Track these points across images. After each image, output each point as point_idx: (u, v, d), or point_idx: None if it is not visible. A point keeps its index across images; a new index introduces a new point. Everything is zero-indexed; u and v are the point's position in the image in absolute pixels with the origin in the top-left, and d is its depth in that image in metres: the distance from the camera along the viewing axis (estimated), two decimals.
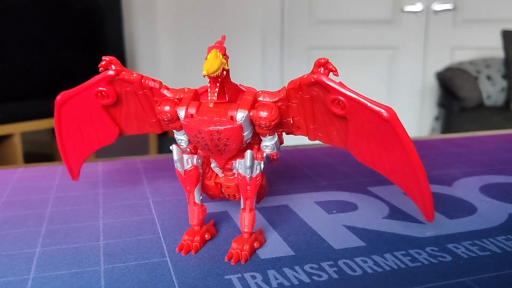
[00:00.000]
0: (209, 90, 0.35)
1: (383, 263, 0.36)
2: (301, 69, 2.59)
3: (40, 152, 2.33)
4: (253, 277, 0.34)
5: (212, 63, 0.33)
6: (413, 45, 2.47)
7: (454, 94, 2.18)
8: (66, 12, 2.10)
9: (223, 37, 0.38)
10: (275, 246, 0.39)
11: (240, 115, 0.35)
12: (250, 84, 0.38)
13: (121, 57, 2.29)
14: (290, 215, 0.45)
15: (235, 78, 0.37)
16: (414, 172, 0.34)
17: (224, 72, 0.34)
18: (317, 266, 0.36)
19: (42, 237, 0.41)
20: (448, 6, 2.37)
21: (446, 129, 2.30)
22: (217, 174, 0.41)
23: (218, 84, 0.34)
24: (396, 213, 0.45)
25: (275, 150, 0.38)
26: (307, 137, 0.39)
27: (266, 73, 2.62)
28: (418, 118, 2.54)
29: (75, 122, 0.41)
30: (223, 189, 0.41)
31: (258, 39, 2.62)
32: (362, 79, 2.55)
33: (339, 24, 2.54)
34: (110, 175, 0.57)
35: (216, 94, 0.34)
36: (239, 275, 0.34)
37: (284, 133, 0.41)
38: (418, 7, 2.41)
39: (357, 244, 0.39)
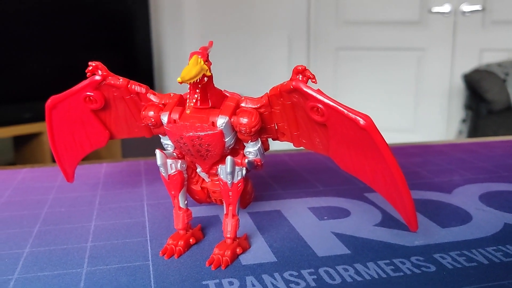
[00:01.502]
0: (188, 95, 0.35)
1: (364, 272, 0.35)
2: (328, 70, 2.58)
3: None
4: (231, 283, 0.34)
5: (190, 69, 0.33)
6: (441, 47, 2.43)
7: (482, 96, 2.13)
8: (96, 14, 2.14)
9: (210, 43, 0.38)
10: (259, 252, 0.39)
11: (221, 121, 0.35)
12: None
13: (149, 59, 2.31)
14: (281, 220, 0.45)
15: (260, 80, 0.36)
16: (394, 181, 0.34)
17: (205, 78, 0.34)
18: (297, 274, 0.35)
19: (33, 238, 0.42)
20: (477, 7, 2.32)
21: (473, 132, 2.25)
22: (203, 179, 0.41)
23: (198, 90, 0.35)
24: (388, 221, 0.45)
25: (258, 156, 0.38)
26: (292, 143, 0.39)
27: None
28: (445, 121, 2.49)
29: (66, 125, 0.42)
30: (210, 194, 0.41)
31: (284, 40, 2.61)
32: (389, 81, 2.52)
33: (366, 25, 2.51)
34: (111, 176, 0.58)
35: (194, 100, 0.35)
36: (217, 280, 0.34)
37: (271, 139, 0.41)
38: (446, 8, 2.37)
39: (341, 252, 0.39)
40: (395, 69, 2.52)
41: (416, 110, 2.52)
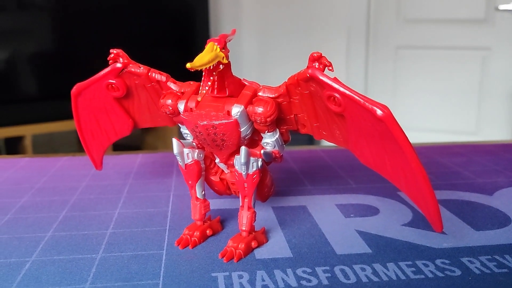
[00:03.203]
0: (201, 83, 0.34)
1: (382, 273, 0.34)
2: (388, 69, 2.51)
3: (128, 143, 2.45)
4: (240, 277, 0.33)
5: (202, 56, 0.32)
6: (507, 46, 2.31)
7: None
8: (156, 12, 2.18)
9: (233, 31, 0.37)
10: (275, 247, 0.38)
11: (236, 110, 0.34)
12: None
13: None
14: (305, 216, 0.44)
15: None
16: (415, 177, 0.31)
17: (221, 66, 0.34)
18: (311, 271, 0.34)
19: (57, 223, 0.42)
20: None
21: None
22: (223, 170, 0.40)
23: (212, 78, 0.34)
24: (418, 221, 0.42)
25: (276, 148, 0.37)
26: (313, 135, 0.37)
27: (350, 74, 2.56)
28: (510, 123, 2.37)
29: (91, 113, 0.43)
30: (229, 186, 0.40)
31: (343, 38, 2.57)
32: (452, 81, 2.43)
33: (428, 23, 2.43)
34: (145, 167, 0.58)
35: (207, 88, 0.34)
36: (227, 273, 0.34)
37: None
38: None
39: (362, 251, 0.37)
40: (458, 69, 2.42)
41: (479, 111, 2.41)
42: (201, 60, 0.32)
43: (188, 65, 0.31)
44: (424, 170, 0.31)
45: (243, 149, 0.35)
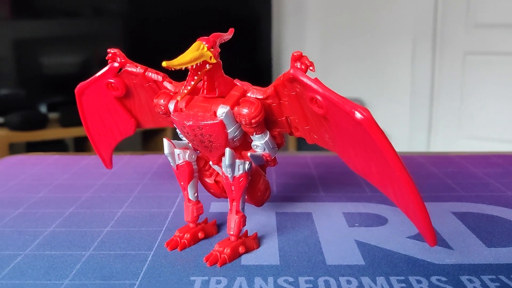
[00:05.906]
0: (185, 82, 0.34)
1: (368, 287, 0.31)
2: (455, 76, 2.41)
3: None
4: (218, 282, 0.32)
5: (184, 55, 0.32)
6: None
7: None
8: (224, 18, 2.21)
9: (231, 31, 0.37)
10: (265, 253, 0.36)
11: (221, 111, 0.34)
12: (398, 92, 0.35)
13: (268, 61, 2.35)
14: (307, 223, 0.42)
15: (382, 85, 0.34)
16: (401, 186, 0.29)
17: (207, 66, 0.33)
18: (293, 280, 0.32)
19: (61, 219, 0.43)
20: None
21: None
22: (218, 172, 0.39)
23: (196, 78, 0.33)
24: None
25: (267, 151, 0.36)
26: (305, 139, 0.36)
27: (415, 79, 2.48)
28: None
29: (95, 112, 0.43)
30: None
31: (408, 44, 2.49)
32: None
33: (499, 28, 2.30)
34: (164, 167, 0.59)
35: (190, 87, 0.33)
36: (206, 277, 0.33)
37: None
38: None
39: (355, 263, 0.35)
40: None
41: None
42: (181, 59, 0.31)
43: (164, 63, 0.30)
44: (410, 178, 0.29)
45: (227, 151, 0.34)
